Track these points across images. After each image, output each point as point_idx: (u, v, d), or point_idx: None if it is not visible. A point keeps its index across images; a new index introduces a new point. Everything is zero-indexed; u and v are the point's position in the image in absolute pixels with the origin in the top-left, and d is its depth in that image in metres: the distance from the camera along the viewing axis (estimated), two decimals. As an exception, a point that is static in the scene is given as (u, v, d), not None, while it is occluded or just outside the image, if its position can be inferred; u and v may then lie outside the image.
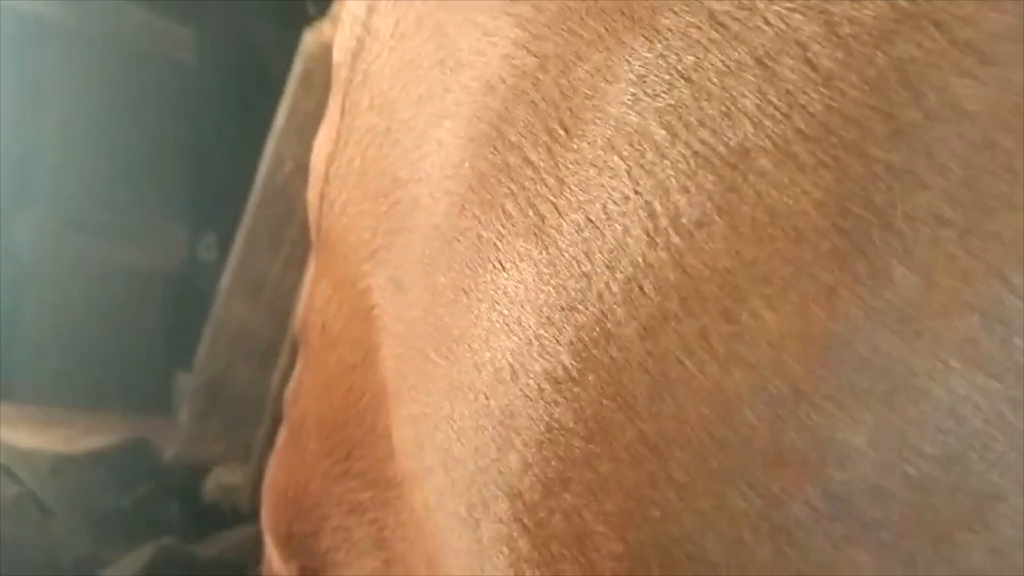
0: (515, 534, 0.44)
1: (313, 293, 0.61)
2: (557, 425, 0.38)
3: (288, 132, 1.22)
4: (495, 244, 0.40)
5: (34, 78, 1.96)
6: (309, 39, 1.19)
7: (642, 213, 0.35)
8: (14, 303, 1.96)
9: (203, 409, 1.50)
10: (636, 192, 0.35)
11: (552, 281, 0.37)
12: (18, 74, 1.91)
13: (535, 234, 0.38)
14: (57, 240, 2.01)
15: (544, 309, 0.38)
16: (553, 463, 0.39)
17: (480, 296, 0.41)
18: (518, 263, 0.39)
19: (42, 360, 1.83)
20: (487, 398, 0.41)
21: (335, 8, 1.00)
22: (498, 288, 0.40)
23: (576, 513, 0.39)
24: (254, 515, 1.71)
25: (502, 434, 0.42)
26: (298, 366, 0.65)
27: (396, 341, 0.49)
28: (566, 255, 0.37)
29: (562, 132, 0.38)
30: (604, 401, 0.35)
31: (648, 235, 0.34)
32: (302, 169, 1.38)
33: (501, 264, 0.40)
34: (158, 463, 1.62)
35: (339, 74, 0.61)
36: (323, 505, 0.66)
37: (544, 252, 0.38)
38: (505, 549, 0.45)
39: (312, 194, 0.62)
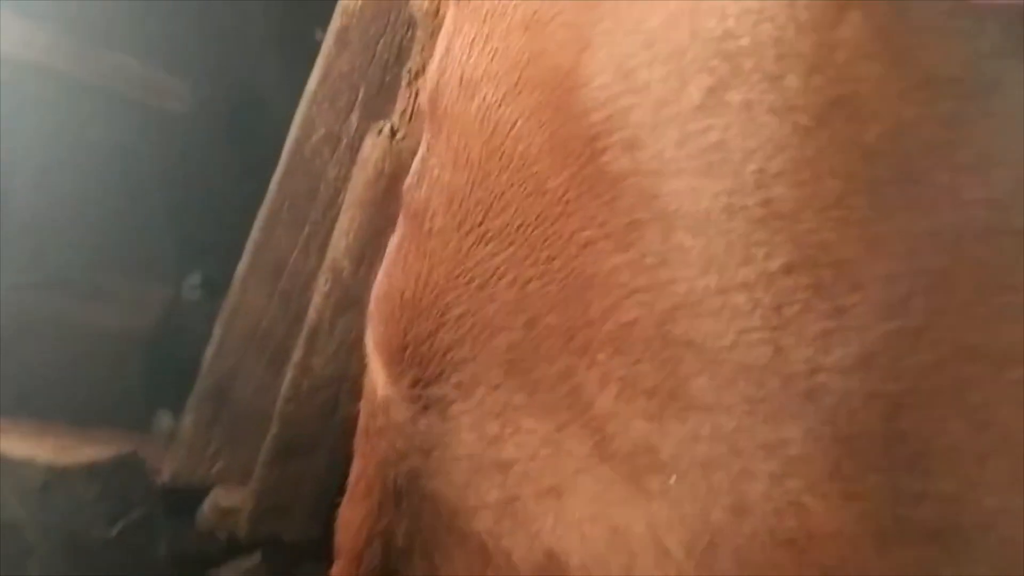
0: (781, 73, 0.42)
1: (450, 49, 0.58)
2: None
3: (321, 96, 1.20)
4: None
5: (12, 124, 1.91)
6: (348, -5, 1.19)
7: None
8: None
9: (207, 417, 1.39)
10: None
11: None
12: None
13: None
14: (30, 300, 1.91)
15: None
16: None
17: None
18: None
19: (30, 375, 1.70)
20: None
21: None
22: None
23: None
24: (249, 546, 1.58)
25: None
26: (422, 149, 0.62)
27: (579, 2, 0.47)
28: None
29: None
30: None
31: None
32: (332, 138, 1.36)
33: None
34: (151, 485, 1.48)
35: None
36: (447, 294, 0.61)
37: None
38: (767, 100, 0.42)
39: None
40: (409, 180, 0.62)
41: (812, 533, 0.42)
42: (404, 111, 1.30)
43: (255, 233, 1.39)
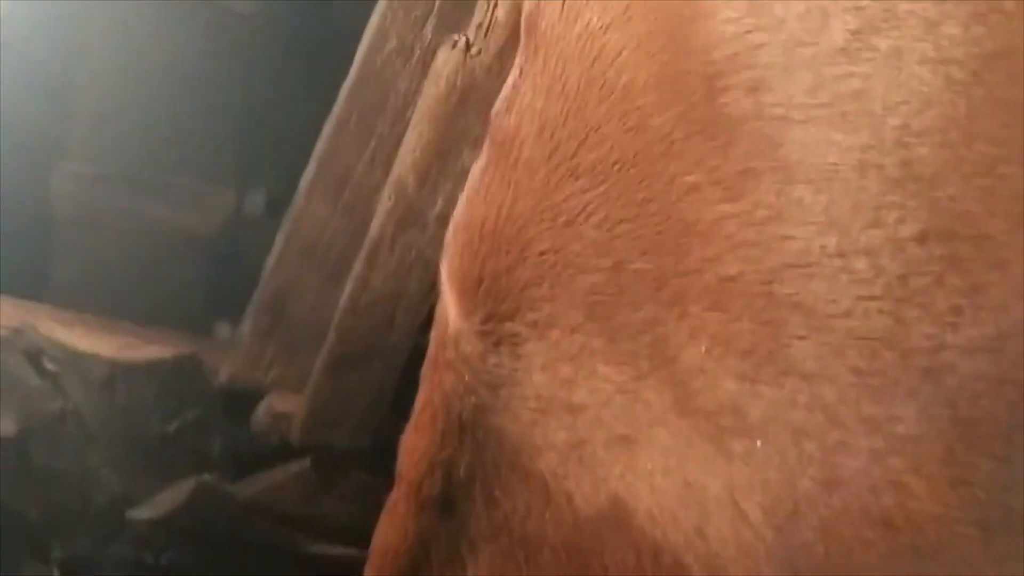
0: (938, 19, 0.38)
1: (553, -34, 0.54)
2: None
3: (395, 5, 1.16)
4: None
5: (77, 24, 1.88)
6: None
7: None
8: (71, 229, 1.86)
9: (265, 326, 1.40)
10: None
11: None
12: (61, 19, 1.84)
13: None
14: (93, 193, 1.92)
15: None
16: None
17: None
18: None
19: (92, 268, 1.73)
20: None
21: None
22: None
23: None
24: (300, 451, 1.60)
25: None
26: (514, 71, 0.58)
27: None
28: None
29: None
30: None
31: None
32: (404, 49, 1.33)
33: None
34: (209, 385, 1.51)
35: None
36: (530, 228, 0.58)
37: None
38: (919, 48, 0.38)
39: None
40: (498, 105, 0.59)
41: (911, 514, 0.39)
42: (480, 24, 1.25)
43: (321, 143, 1.36)
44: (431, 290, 1.45)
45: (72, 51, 2.06)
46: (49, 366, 1.43)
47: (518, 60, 0.57)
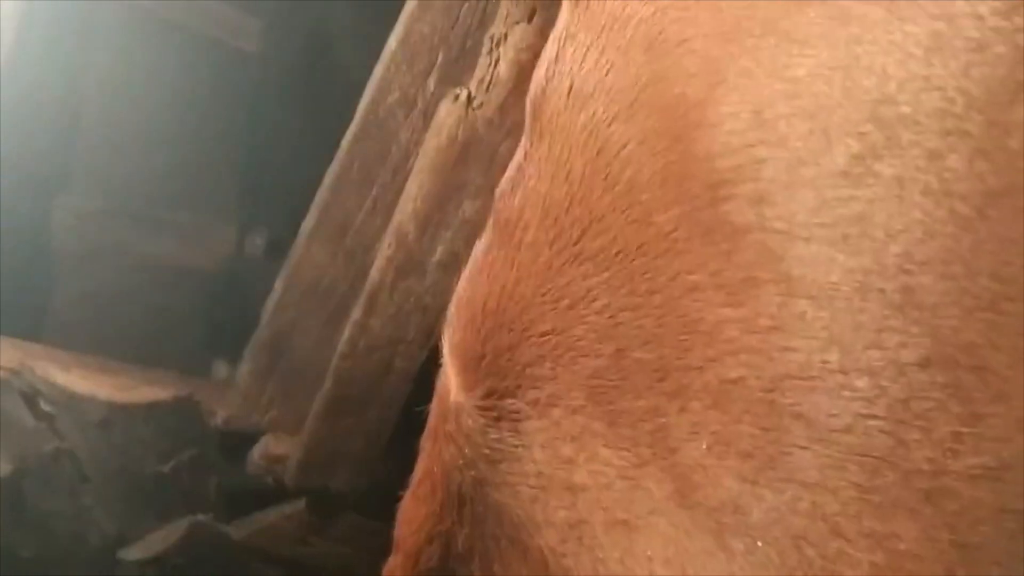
0: (943, 151, 0.38)
1: (560, 54, 0.54)
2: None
3: (399, 58, 1.16)
4: None
5: (83, 57, 1.89)
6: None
7: None
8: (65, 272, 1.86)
9: (264, 367, 1.40)
10: None
11: None
12: (67, 53, 1.84)
13: None
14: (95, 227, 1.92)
15: None
16: None
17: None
18: None
19: (92, 305, 1.72)
20: None
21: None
22: None
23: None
24: (295, 493, 1.59)
25: (936, 31, 0.36)
26: (519, 154, 0.58)
27: (713, 30, 0.43)
28: None
29: None
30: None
31: None
32: (407, 101, 1.34)
33: None
34: (205, 427, 1.50)
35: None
36: (532, 309, 0.58)
37: None
38: (922, 180, 0.38)
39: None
40: (502, 186, 0.59)
41: (910, 628, 0.39)
42: (483, 79, 1.26)
43: (323, 191, 1.37)
44: (429, 336, 1.45)
45: (77, 86, 2.07)
46: (45, 407, 1.42)
47: (523, 143, 0.57)
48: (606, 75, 0.51)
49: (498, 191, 0.59)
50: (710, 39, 0.45)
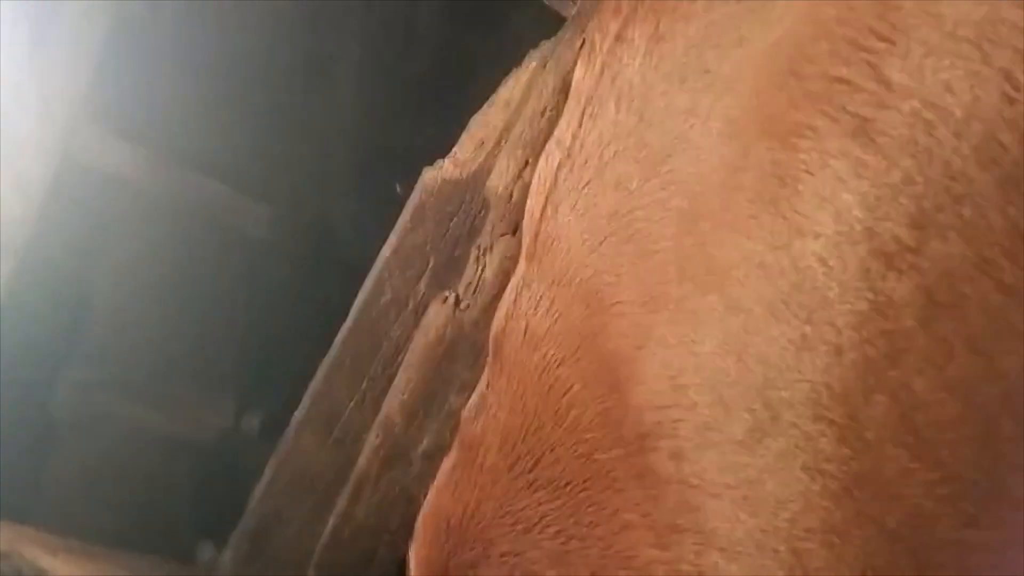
0: (815, 435, 0.42)
1: (518, 299, 0.60)
2: (885, 299, 0.37)
3: (393, 264, 1.24)
4: (797, 160, 0.41)
5: (99, 236, 1.97)
6: (429, 175, 1.23)
7: (998, 79, 0.37)
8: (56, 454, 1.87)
9: (246, 555, 1.40)
10: (987, 64, 0.38)
11: (878, 166, 0.39)
12: (82, 230, 1.93)
13: (852, 135, 0.40)
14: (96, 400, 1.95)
15: (869, 193, 0.39)
16: (877, 341, 0.38)
17: (773, 212, 0.42)
18: (830, 162, 0.40)
19: (83, 480, 1.72)
20: (784, 304, 0.41)
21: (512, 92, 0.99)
22: (799, 196, 0.41)
23: (904, 388, 0.37)
24: None
25: (804, 334, 0.41)
26: (482, 383, 0.63)
27: (637, 299, 0.48)
28: (896, 139, 0.39)
29: (880, 44, 0.42)
30: (953, 260, 0.35)
31: (1006, 96, 0.36)
32: (399, 302, 1.40)
33: (808, 171, 0.41)
34: (186, 617, 1.47)
35: (580, 88, 0.63)
36: (492, 529, 0.61)
37: (866, 145, 0.40)
38: (801, 457, 0.42)
39: (534, 203, 0.63)
40: (467, 412, 0.64)
41: None
42: (470, 284, 1.34)
43: (316, 382, 1.42)
44: (413, 526, 1.46)
45: (85, 264, 2.15)
46: (29, 591, 1.41)
47: (486, 374, 0.63)
48: (555, 322, 0.57)
49: (464, 414, 0.64)
50: (635, 306, 0.51)
